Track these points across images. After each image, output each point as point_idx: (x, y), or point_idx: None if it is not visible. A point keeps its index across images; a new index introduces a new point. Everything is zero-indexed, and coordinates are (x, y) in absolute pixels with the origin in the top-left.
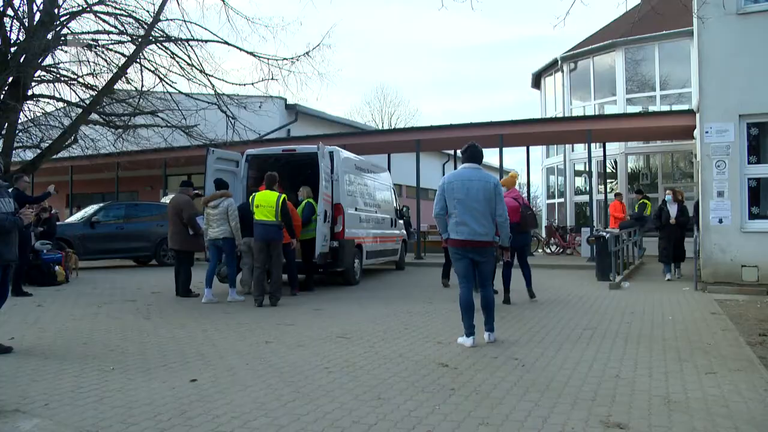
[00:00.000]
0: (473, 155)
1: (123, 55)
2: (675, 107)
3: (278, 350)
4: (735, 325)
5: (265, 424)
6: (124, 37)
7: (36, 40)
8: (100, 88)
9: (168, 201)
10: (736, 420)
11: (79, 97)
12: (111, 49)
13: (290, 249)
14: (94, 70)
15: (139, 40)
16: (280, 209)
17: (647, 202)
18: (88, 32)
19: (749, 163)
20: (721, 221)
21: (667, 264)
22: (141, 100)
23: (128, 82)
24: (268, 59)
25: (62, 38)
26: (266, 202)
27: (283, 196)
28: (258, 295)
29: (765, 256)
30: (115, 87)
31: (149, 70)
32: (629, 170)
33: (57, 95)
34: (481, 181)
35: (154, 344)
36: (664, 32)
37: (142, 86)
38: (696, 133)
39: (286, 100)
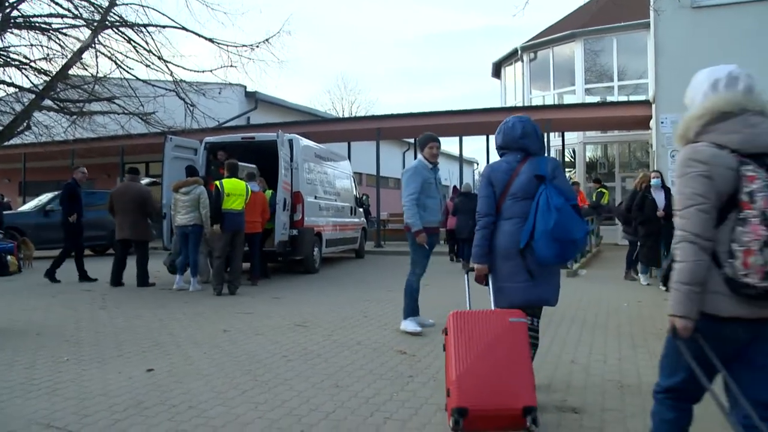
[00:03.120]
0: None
1: (78, 39)
2: (632, 97)
3: (236, 339)
4: None
5: (222, 413)
6: (79, 21)
7: None
8: (54, 73)
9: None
10: None
11: (31, 82)
12: (65, 34)
13: (257, 238)
14: (48, 54)
15: (95, 24)
16: (249, 197)
17: (605, 191)
18: (41, 15)
19: None
20: None
21: (646, 265)
22: (97, 86)
23: (84, 68)
24: (227, 46)
25: (11, 21)
26: (237, 190)
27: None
28: (217, 283)
29: None
30: (70, 72)
31: (105, 55)
32: (587, 159)
33: (7, 80)
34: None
35: (109, 334)
36: (622, 24)
37: (98, 72)
38: (652, 123)
39: (245, 87)
